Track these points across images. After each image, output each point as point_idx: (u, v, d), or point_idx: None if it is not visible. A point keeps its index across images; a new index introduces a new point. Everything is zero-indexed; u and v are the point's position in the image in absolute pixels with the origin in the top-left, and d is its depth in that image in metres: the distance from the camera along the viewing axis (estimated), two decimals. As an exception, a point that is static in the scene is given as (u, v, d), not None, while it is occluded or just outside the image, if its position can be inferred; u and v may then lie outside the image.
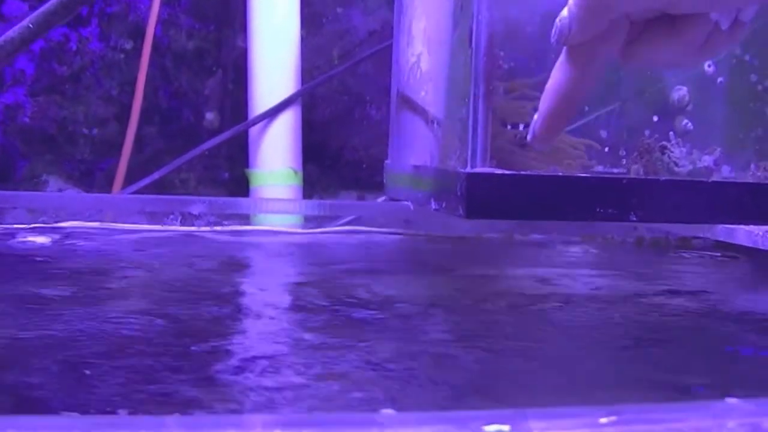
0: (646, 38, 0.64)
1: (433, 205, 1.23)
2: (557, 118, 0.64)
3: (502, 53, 1.13)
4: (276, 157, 1.92)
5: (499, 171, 1.10)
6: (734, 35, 0.64)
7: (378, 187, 1.53)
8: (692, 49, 0.63)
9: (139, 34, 2.01)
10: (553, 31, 0.64)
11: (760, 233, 1.15)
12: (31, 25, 1.26)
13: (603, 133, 1.17)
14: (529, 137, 0.65)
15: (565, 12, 0.63)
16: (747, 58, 1.12)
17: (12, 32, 1.28)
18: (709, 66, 1.14)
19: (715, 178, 1.17)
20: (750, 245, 1.17)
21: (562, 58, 0.65)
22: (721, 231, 1.24)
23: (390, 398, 0.57)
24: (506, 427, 0.36)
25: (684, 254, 1.30)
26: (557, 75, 0.65)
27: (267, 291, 0.96)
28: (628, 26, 0.63)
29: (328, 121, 2.11)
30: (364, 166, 2.07)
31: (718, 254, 1.28)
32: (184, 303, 0.87)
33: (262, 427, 0.35)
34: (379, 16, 2.09)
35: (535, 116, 0.65)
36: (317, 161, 2.08)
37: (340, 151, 2.12)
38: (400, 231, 1.38)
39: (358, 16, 2.12)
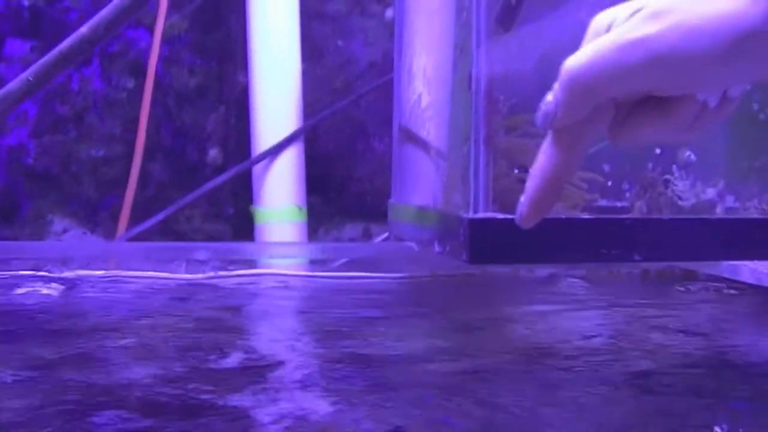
0: (634, 120, 0.63)
1: (437, 248, 1.23)
2: (544, 199, 0.64)
3: (501, 97, 1.13)
4: (280, 194, 1.93)
5: (501, 215, 1.10)
6: (724, 111, 0.63)
7: (383, 217, 1.53)
8: (681, 129, 0.62)
9: (140, 73, 2.02)
10: (538, 114, 0.62)
11: (765, 270, 1.15)
12: (31, 78, 1.26)
13: (606, 167, 1.17)
14: (516, 218, 0.65)
15: (550, 96, 0.61)
16: (748, 86, 1.11)
17: (13, 84, 1.29)
18: (710, 95, 1.13)
19: (718, 210, 1.17)
20: (754, 282, 1.17)
21: (547, 140, 0.63)
22: (725, 268, 1.24)
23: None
24: None
25: (690, 287, 1.30)
26: (543, 157, 0.63)
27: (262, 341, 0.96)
28: (614, 109, 0.62)
29: (332, 153, 2.11)
30: (369, 197, 2.07)
31: (724, 286, 1.28)
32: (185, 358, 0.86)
33: None
34: (380, 47, 2.09)
35: (522, 197, 0.64)
36: (322, 193, 2.08)
37: (344, 183, 2.12)
38: (404, 275, 1.38)
39: (359, 47, 2.12)
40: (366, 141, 2.11)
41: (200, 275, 1.32)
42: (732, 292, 1.26)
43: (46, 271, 1.36)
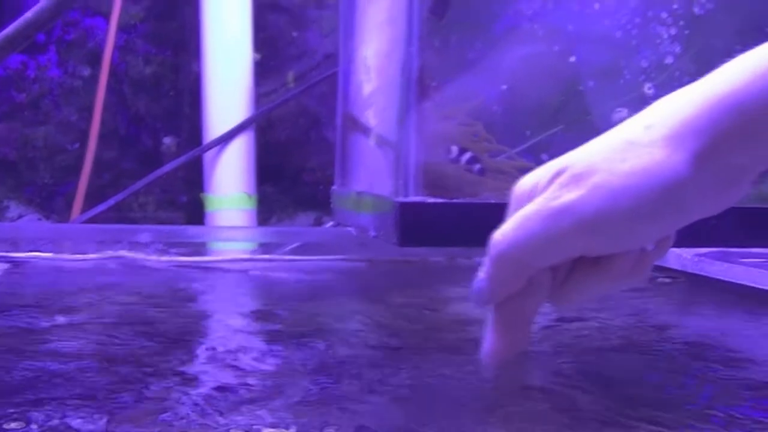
0: (574, 279, 0.61)
1: (372, 232, 1.25)
2: (500, 357, 0.62)
3: (434, 83, 1.16)
4: (230, 181, 1.95)
5: (431, 200, 1.12)
6: (662, 250, 0.62)
7: (336, 207, 1.54)
8: (623, 276, 0.61)
9: (96, 61, 2.03)
10: (472, 291, 0.61)
11: (689, 257, 1.17)
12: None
13: (545, 156, 1.18)
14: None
15: (482, 272, 0.60)
16: (687, 80, 1.13)
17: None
18: (649, 89, 1.16)
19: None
20: (679, 268, 1.20)
21: (490, 319, 0.62)
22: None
23: None
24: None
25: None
26: (491, 335, 0.62)
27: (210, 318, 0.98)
28: (552, 274, 0.61)
29: (285, 143, 2.13)
30: (321, 187, 2.09)
31: (659, 275, 1.30)
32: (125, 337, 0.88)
33: None
34: (336, 38, 2.11)
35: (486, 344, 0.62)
36: (275, 183, 2.10)
37: (297, 173, 2.14)
38: (345, 257, 1.40)
39: (315, 39, 2.14)
40: (319, 131, 2.13)
41: (142, 256, 1.34)
42: (666, 280, 1.29)
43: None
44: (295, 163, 2.14)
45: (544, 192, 0.57)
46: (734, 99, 0.52)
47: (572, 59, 1.20)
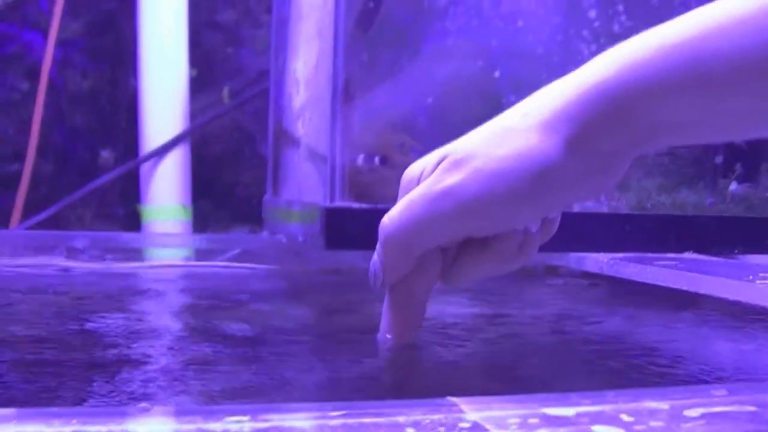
0: (463, 260, 0.65)
1: (300, 238, 1.29)
2: (395, 337, 0.66)
3: (360, 95, 1.20)
4: (166, 193, 1.98)
5: (357, 205, 1.16)
6: (548, 231, 0.66)
7: (269, 220, 1.58)
8: (510, 257, 0.64)
9: (35, 75, 2.05)
10: (369, 275, 0.65)
11: (605, 260, 1.22)
12: None
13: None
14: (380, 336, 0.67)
15: (375, 256, 0.64)
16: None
17: None
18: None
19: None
20: (597, 271, 1.24)
21: (386, 299, 0.66)
22: (572, 258, 1.31)
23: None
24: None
25: (548, 281, 1.36)
26: (387, 313, 0.66)
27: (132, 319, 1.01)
28: (442, 255, 0.64)
29: (220, 158, 2.16)
30: (254, 201, 2.12)
31: (584, 281, 1.34)
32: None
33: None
34: (269, 56, 2.15)
35: (382, 324, 0.67)
36: (210, 197, 2.13)
37: (231, 187, 2.17)
38: (277, 266, 1.44)
39: (249, 56, 2.18)
40: (252, 147, 2.16)
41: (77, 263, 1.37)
42: (586, 282, 1.32)
43: None
44: (229, 177, 2.17)
45: (428, 177, 0.61)
46: (600, 89, 0.57)
47: (496, 74, 1.25)
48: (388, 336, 0.66)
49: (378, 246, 0.64)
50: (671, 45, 0.55)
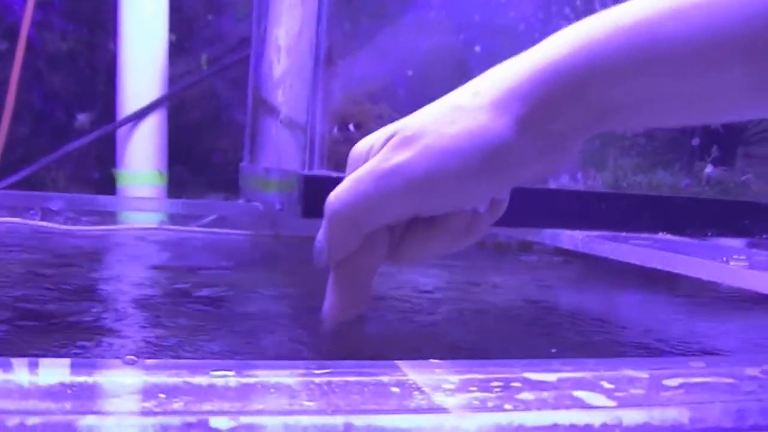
0: (410, 238, 0.64)
1: (277, 206, 1.29)
2: (339, 316, 0.65)
3: (341, 63, 1.20)
4: (142, 158, 1.97)
5: (335, 174, 1.16)
6: (496, 212, 0.65)
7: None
8: (458, 237, 0.64)
9: (13, 36, 2.04)
10: (314, 252, 0.64)
11: (580, 237, 1.22)
12: None
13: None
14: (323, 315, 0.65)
15: (320, 233, 0.64)
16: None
17: None
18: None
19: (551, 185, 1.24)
20: (571, 248, 1.24)
21: (330, 278, 0.65)
22: (547, 234, 1.32)
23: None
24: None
25: (522, 257, 1.37)
26: (329, 295, 0.65)
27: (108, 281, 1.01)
28: (388, 232, 0.63)
29: (197, 125, 2.16)
30: (231, 168, 2.11)
31: (559, 258, 1.35)
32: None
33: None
34: (250, 23, 2.14)
35: (326, 303, 0.66)
36: (186, 163, 2.12)
37: (208, 154, 2.17)
38: (252, 232, 1.44)
39: (229, 23, 2.17)
40: (230, 114, 2.16)
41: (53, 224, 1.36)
42: (560, 259, 1.33)
43: None
44: (206, 144, 2.17)
45: (377, 154, 0.61)
46: (552, 68, 0.57)
47: (477, 49, 1.25)
48: (331, 314, 0.66)
49: (324, 222, 0.63)
50: (628, 25, 0.54)
